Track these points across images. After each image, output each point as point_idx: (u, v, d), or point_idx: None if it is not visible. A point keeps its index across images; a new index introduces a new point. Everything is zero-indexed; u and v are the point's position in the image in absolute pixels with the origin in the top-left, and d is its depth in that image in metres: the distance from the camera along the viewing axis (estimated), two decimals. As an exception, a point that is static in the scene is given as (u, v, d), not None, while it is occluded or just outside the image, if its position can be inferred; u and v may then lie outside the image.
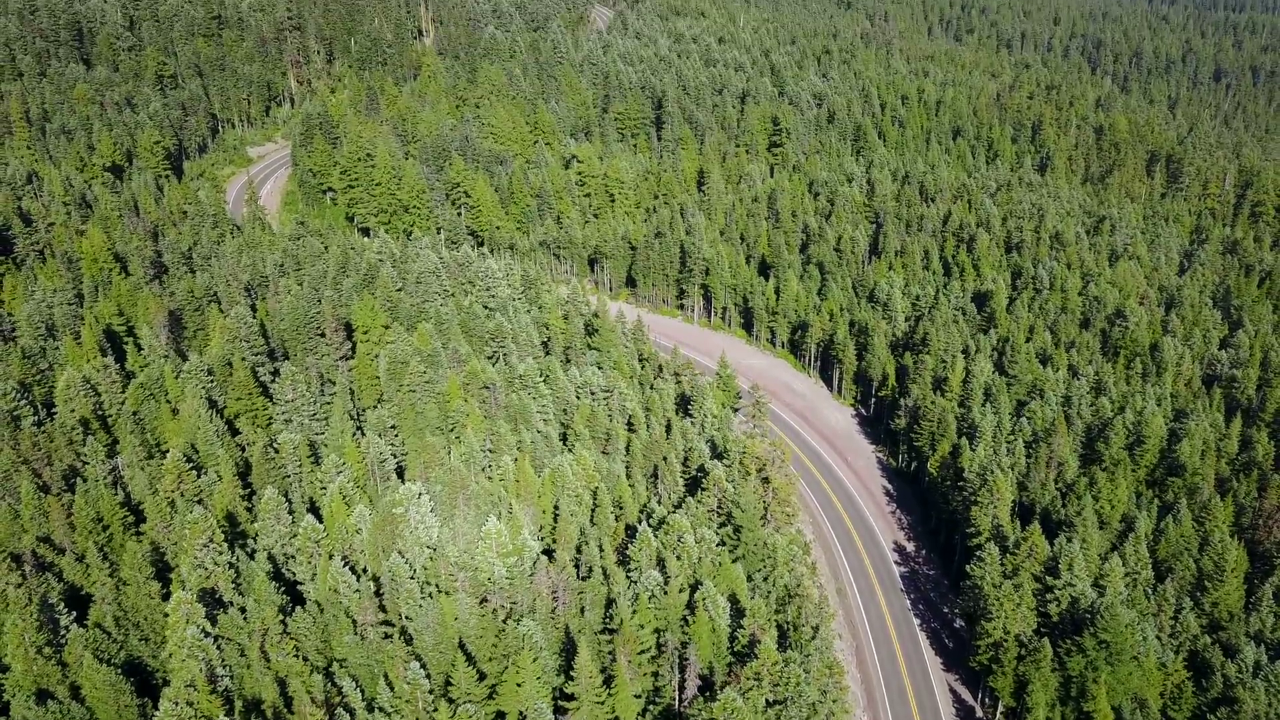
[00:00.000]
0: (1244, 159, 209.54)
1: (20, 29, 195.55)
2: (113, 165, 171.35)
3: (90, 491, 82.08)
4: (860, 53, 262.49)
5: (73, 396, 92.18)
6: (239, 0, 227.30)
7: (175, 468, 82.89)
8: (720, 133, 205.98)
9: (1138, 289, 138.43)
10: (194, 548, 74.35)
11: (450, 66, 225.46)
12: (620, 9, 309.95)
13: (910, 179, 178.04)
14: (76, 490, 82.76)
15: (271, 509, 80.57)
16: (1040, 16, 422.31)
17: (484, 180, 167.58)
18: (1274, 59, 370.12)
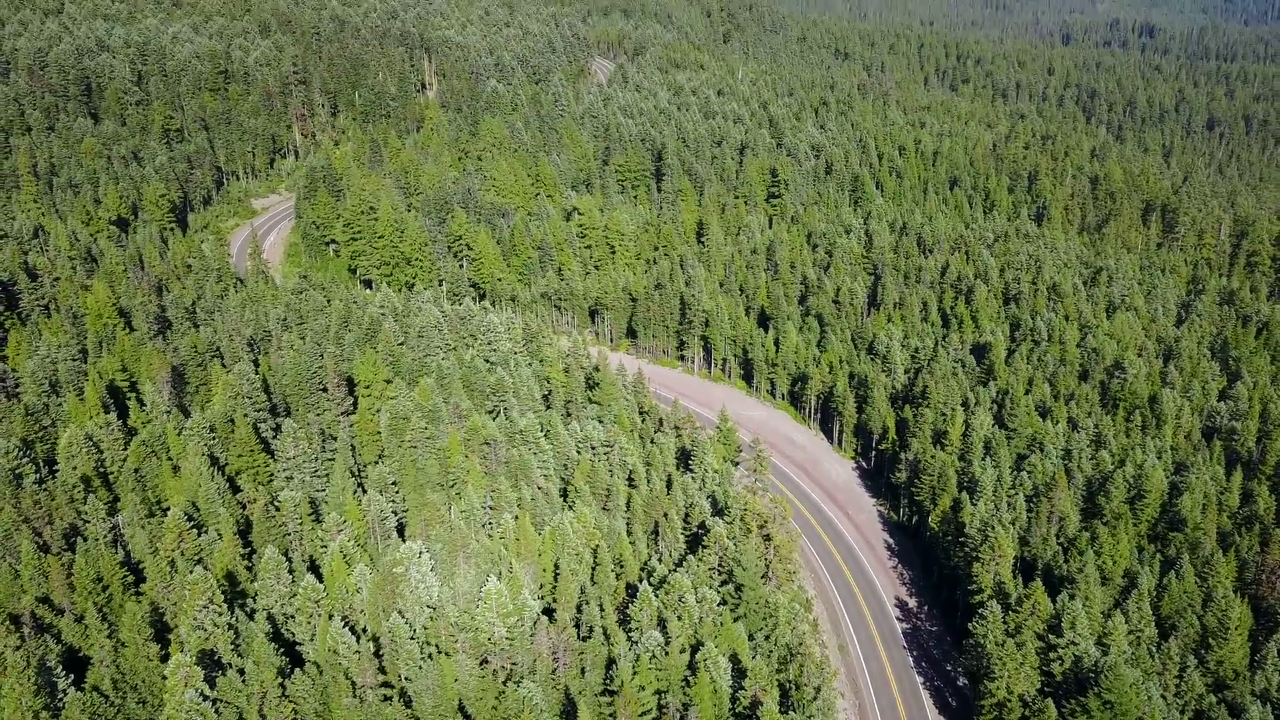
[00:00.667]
0: (1239, 208, 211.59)
1: (30, 84, 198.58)
2: (118, 218, 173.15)
3: (90, 551, 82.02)
4: (857, 104, 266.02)
5: (75, 454, 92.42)
6: (245, 55, 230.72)
7: (176, 526, 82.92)
8: (719, 184, 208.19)
9: (1136, 341, 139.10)
10: (194, 609, 74.16)
11: (453, 119, 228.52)
12: (620, 62, 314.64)
13: (908, 230, 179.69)
14: (77, 550, 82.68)
15: (271, 569, 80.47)
16: (1034, 67, 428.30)
17: (486, 233, 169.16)
18: (1266, 108, 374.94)
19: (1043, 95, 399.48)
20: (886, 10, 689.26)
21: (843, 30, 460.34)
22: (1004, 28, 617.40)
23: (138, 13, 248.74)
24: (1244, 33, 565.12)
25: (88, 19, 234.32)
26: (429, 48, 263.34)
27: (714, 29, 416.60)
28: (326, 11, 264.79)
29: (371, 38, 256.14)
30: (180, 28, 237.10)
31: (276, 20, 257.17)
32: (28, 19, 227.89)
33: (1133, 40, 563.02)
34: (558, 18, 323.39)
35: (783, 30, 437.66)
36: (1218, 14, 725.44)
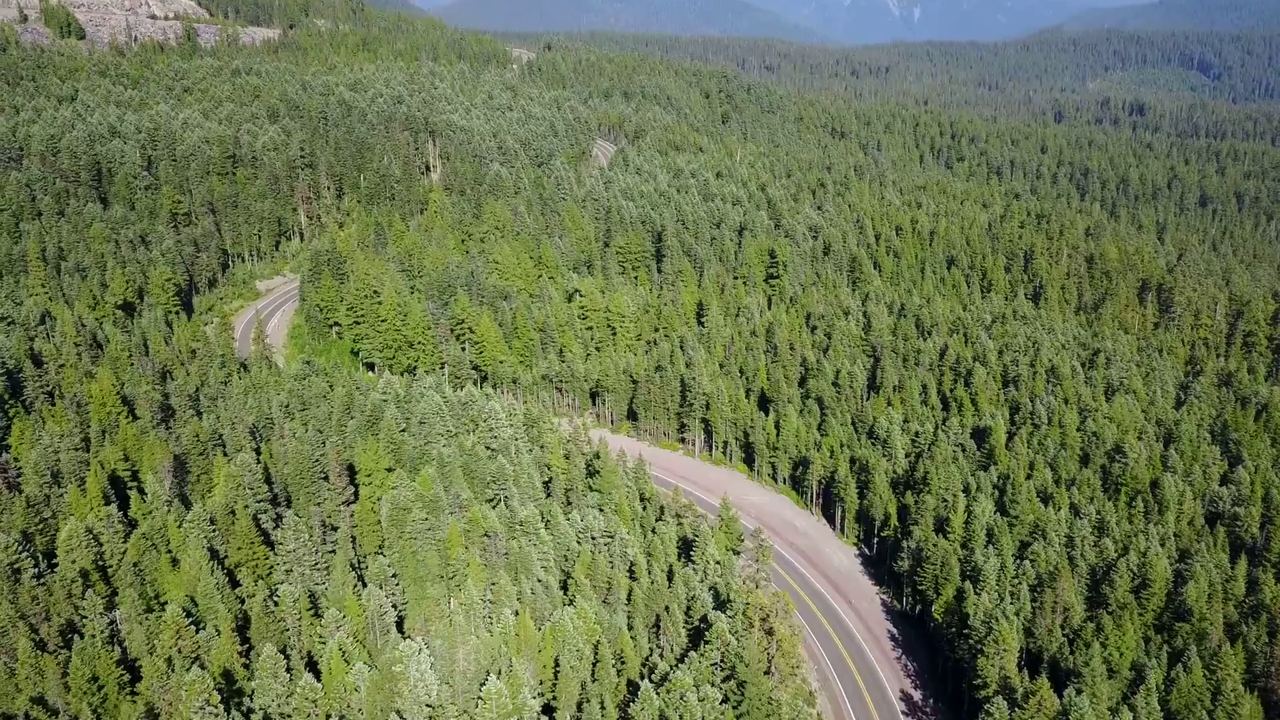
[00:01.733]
0: (1234, 286, 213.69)
1: (42, 170, 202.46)
2: (124, 303, 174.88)
3: (87, 650, 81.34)
4: (854, 185, 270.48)
5: (74, 547, 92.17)
6: (254, 140, 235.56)
7: (174, 623, 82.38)
8: (718, 265, 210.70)
9: (1135, 424, 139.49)
10: (189, 710, 73.31)
11: (456, 202, 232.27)
12: (621, 145, 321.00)
13: (906, 312, 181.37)
14: (74, 648, 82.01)
15: (269, 667, 79.71)
16: (1028, 145, 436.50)
17: (488, 316, 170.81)
18: (1257, 185, 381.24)
19: (1037, 173, 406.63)
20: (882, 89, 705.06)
21: (839, 110, 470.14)
22: (997, 106, 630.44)
23: (150, 99, 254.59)
24: (1233, 111, 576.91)
25: (101, 106, 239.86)
26: (433, 131, 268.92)
27: (712, 110, 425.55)
28: (334, 97, 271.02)
29: (377, 122, 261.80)
30: (191, 113, 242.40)
31: (285, 106, 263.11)
32: (42, 106, 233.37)
33: (1123, 118, 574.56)
34: (559, 101, 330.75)
35: (780, 110, 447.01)
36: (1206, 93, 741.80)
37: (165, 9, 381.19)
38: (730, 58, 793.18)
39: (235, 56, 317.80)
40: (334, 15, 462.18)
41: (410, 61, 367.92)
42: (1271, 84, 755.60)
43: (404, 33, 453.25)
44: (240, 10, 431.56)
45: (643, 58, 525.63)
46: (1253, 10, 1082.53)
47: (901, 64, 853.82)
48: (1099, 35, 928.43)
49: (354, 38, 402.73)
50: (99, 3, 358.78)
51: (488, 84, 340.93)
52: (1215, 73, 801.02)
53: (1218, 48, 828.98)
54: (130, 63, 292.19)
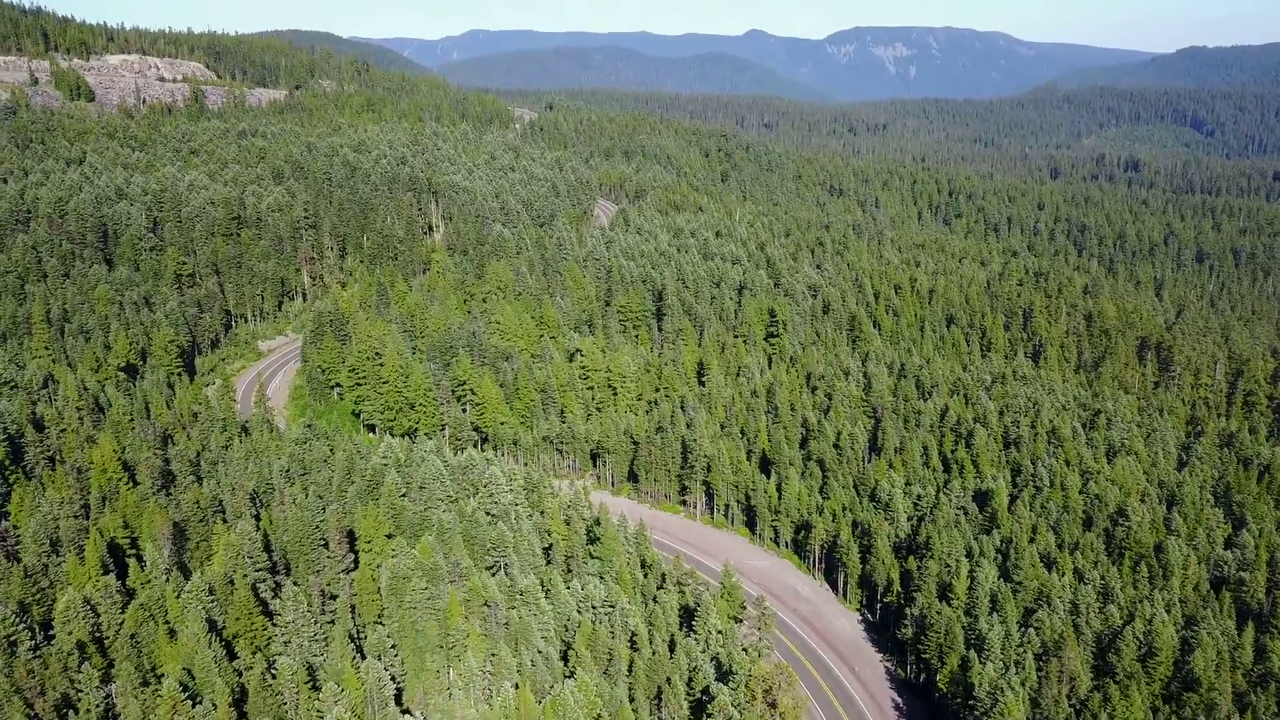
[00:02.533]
0: (1233, 344, 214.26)
1: (49, 232, 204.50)
2: (127, 365, 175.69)
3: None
4: (853, 244, 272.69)
5: (72, 618, 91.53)
6: (259, 201, 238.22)
7: (170, 698, 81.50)
8: (718, 324, 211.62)
9: (1138, 486, 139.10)
10: (184, 790, 72.27)
11: (459, 263, 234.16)
12: (623, 204, 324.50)
13: (906, 372, 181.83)
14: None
15: (266, 744, 78.69)
16: (1024, 202, 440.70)
17: (490, 377, 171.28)
18: (1253, 241, 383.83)
19: (1034, 229, 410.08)
20: (880, 146, 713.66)
21: (837, 168, 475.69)
22: (993, 162, 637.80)
23: (157, 161, 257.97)
24: (1226, 167, 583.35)
25: (109, 168, 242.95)
26: (436, 192, 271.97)
27: (712, 169, 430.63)
28: (338, 158, 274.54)
29: (381, 183, 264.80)
30: (197, 175, 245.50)
31: (290, 167, 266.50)
32: (51, 169, 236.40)
33: (1119, 174, 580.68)
34: (561, 162, 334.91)
35: (778, 169, 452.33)
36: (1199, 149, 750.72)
37: (173, 71, 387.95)
38: (730, 115, 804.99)
39: (241, 118, 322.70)
40: (339, 76, 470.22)
41: (414, 122, 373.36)
42: (1264, 140, 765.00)
43: (408, 93, 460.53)
44: (247, 72, 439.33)
45: (643, 117, 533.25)
46: (1243, 68, 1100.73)
47: (898, 121, 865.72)
48: (1092, 92, 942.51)
49: (359, 99, 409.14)
50: (108, 66, 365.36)
51: (490, 144, 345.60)
52: (1208, 129, 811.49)
53: (1210, 105, 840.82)
54: (138, 125, 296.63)
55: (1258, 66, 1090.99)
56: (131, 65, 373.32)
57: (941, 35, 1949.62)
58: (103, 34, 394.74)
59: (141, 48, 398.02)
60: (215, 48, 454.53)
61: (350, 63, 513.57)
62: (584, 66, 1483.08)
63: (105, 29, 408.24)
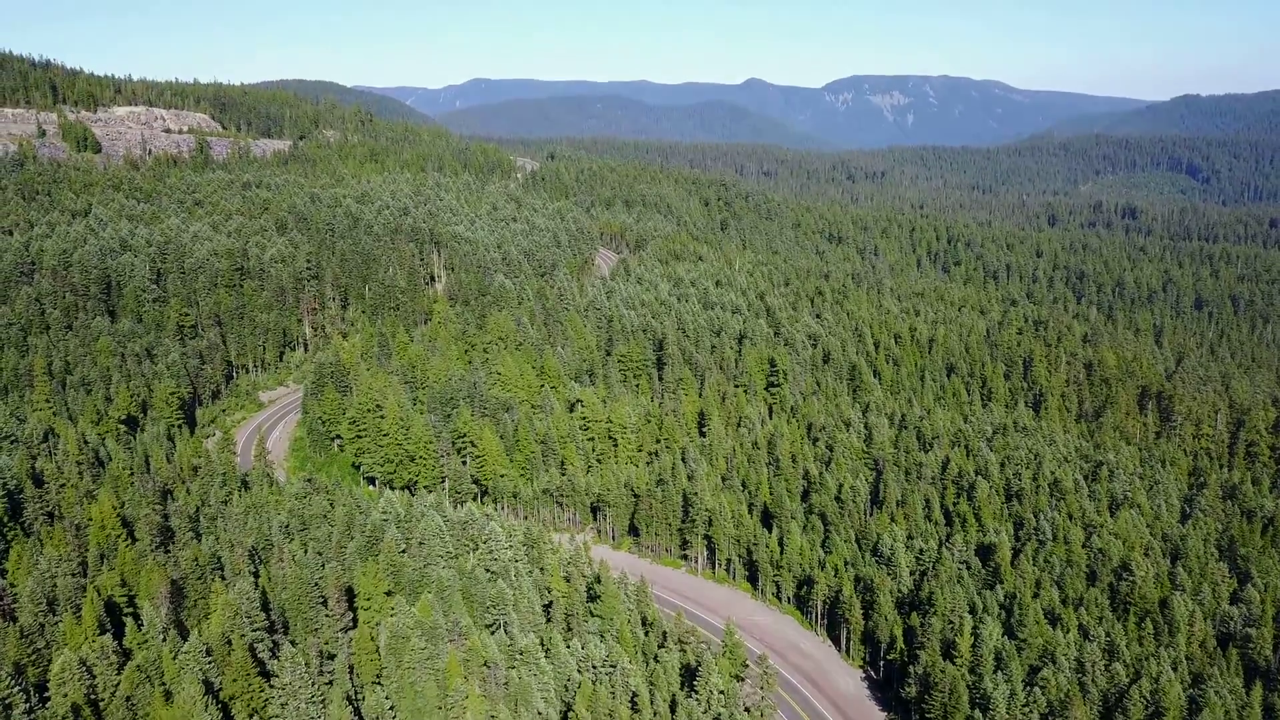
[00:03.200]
0: (1234, 393, 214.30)
1: (52, 284, 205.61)
2: (128, 417, 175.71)
3: (75, 792, 79.29)
4: (852, 293, 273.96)
5: (67, 680, 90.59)
6: (262, 252, 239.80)
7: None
8: (719, 374, 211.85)
9: (1141, 540, 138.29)
10: None
11: (460, 313, 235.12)
12: (623, 253, 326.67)
13: (907, 423, 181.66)
14: (61, 790, 79.97)
15: (261, 811, 77.52)
16: (1023, 249, 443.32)
17: (490, 429, 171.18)
18: (1251, 288, 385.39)
19: (1033, 276, 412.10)
20: (878, 193, 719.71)
21: (836, 216, 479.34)
22: (991, 210, 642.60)
23: (162, 213, 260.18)
24: (1223, 213, 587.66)
25: (114, 220, 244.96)
26: (438, 242, 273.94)
27: (711, 217, 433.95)
28: (341, 209, 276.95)
29: (383, 234, 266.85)
30: (201, 226, 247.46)
31: (293, 218, 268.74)
32: (56, 221, 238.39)
33: (1116, 222, 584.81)
34: (563, 212, 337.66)
35: (778, 217, 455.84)
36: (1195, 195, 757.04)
37: (179, 123, 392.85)
38: (729, 163, 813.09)
39: (246, 169, 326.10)
40: (343, 126, 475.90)
41: (417, 172, 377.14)
42: (1259, 187, 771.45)
43: (411, 143, 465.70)
44: (252, 123, 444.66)
45: (643, 167, 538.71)
46: (1237, 116, 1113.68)
47: (896, 168, 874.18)
48: (1088, 140, 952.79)
49: (362, 149, 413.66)
50: (115, 118, 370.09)
51: (493, 195, 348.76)
52: (1204, 176, 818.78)
53: (1205, 152, 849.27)
54: (144, 176, 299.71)
55: (1251, 114, 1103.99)
56: (138, 117, 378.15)
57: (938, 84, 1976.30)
58: (110, 86, 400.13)
59: (148, 99, 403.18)
60: (221, 99, 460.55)
61: (354, 113, 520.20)
62: (585, 115, 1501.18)
63: (113, 81, 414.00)
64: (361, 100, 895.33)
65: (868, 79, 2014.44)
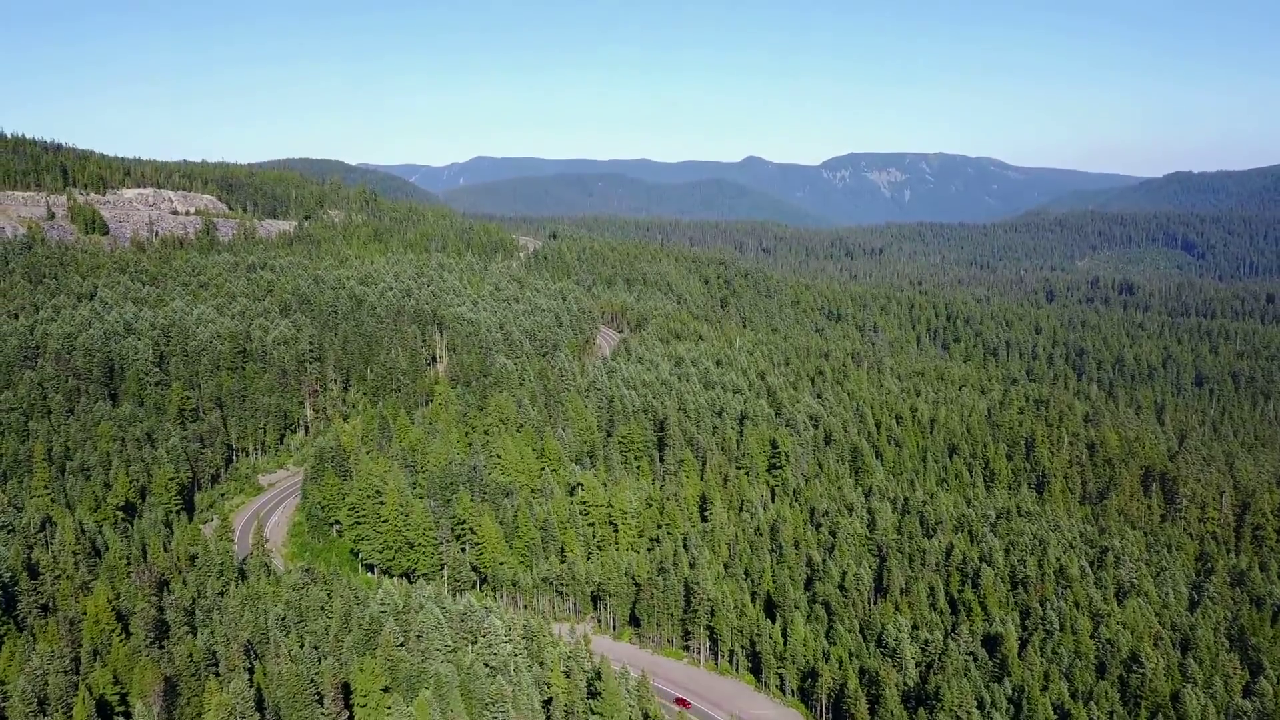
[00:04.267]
0: (1238, 474, 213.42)
1: (56, 368, 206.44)
2: (126, 503, 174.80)
3: None
4: (852, 373, 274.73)
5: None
6: (265, 334, 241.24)
7: None
8: (720, 455, 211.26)
9: (1150, 629, 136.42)
10: None
11: (461, 394, 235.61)
12: (625, 333, 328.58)
13: (910, 508, 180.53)
14: None
15: None
16: (1022, 326, 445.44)
17: (490, 515, 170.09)
18: (1251, 365, 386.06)
19: (1033, 353, 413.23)
20: (876, 270, 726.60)
21: (835, 293, 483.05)
22: (990, 286, 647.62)
23: (167, 295, 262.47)
24: (1220, 289, 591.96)
25: (119, 303, 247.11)
26: (441, 323, 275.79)
27: (711, 295, 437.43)
28: (344, 291, 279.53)
29: (386, 315, 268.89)
30: (205, 309, 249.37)
31: (297, 300, 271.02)
32: (62, 304, 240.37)
33: (1114, 297, 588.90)
34: (564, 292, 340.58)
35: (777, 295, 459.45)
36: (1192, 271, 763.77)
37: (187, 204, 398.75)
38: (729, 240, 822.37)
39: (251, 251, 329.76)
40: (348, 206, 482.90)
41: (420, 252, 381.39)
42: (1254, 262, 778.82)
43: (414, 223, 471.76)
44: (258, 204, 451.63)
45: (644, 245, 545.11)
46: (1230, 192, 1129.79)
47: (895, 244, 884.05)
48: (1084, 216, 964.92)
49: (366, 229, 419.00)
50: (123, 200, 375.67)
51: (495, 275, 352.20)
52: (1199, 252, 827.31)
53: (1199, 228, 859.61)
54: (150, 259, 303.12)
55: (1243, 191, 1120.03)
56: (146, 199, 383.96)
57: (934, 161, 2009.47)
58: (120, 169, 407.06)
59: (156, 182, 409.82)
60: (228, 180, 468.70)
61: (359, 193, 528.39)
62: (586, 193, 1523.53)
63: (122, 163, 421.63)
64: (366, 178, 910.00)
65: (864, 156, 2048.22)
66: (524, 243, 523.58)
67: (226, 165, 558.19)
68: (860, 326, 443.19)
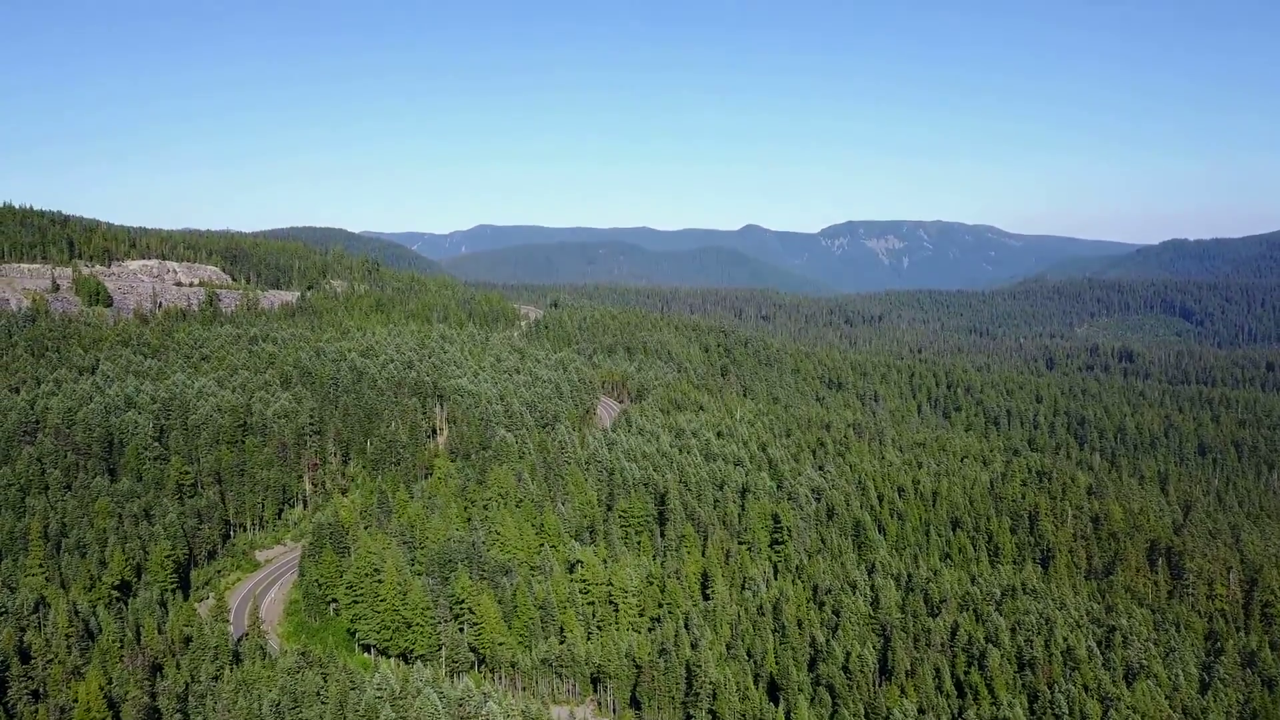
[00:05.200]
0: (1244, 547, 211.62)
1: (55, 444, 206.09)
2: (122, 582, 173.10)
3: None
4: (854, 445, 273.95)
5: None
6: (265, 407, 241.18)
7: None
8: (722, 530, 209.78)
9: (1161, 714, 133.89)
10: None
11: (461, 468, 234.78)
12: (625, 403, 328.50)
13: (914, 585, 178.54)
14: None
15: None
16: (1023, 395, 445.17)
17: (489, 595, 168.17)
18: (1253, 434, 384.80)
19: (1034, 422, 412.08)
20: (876, 337, 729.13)
21: (835, 361, 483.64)
22: (989, 354, 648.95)
23: (168, 368, 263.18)
24: (1219, 357, 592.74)
25: (120, 377, 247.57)
26: (442, 396, 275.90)
27: (711, 363, 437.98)
28: (346, 363, 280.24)
29: (387, 388, 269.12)
30: (206, 382, 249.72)
31: (298, 372, 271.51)
32: (63, 378, 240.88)
33: (1114, 365, 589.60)
34: (565, 363, 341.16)
35: (777, 363, 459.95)
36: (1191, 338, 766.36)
37: (191, 275, 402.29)
38: (729, 308, 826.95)
39: (254, 323, 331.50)
40: (350, 276, 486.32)
41: (421, 324, 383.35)
42: (1253, 329, 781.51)
43: (416, 293, 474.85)
44: (262, 274, 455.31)
45: (644, 314, 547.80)
46: (1226, 259, 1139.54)
47: (894, 312, 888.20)
48: (1081, 284, 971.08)
49: (368, 300, 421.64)
50: (128, 271, 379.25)
51: (496, 346, 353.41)
52: (1197, 319, 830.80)
53: (1197, 295, 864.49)
54: (152, 331, 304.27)
55: (1238, 258, 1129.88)
56: (151, 270, 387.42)
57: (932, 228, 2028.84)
58: (125, 240, 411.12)
59: (161, 253, 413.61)
60: (232, 251, 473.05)
61: (361, 263, 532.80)
62: (587, 261, 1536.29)
63: (128, 234, 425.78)
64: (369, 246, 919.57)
65: (862, 224, 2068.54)
66: (525, 311, 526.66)
67: (231, 235, 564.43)
68: (861, 395, 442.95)
